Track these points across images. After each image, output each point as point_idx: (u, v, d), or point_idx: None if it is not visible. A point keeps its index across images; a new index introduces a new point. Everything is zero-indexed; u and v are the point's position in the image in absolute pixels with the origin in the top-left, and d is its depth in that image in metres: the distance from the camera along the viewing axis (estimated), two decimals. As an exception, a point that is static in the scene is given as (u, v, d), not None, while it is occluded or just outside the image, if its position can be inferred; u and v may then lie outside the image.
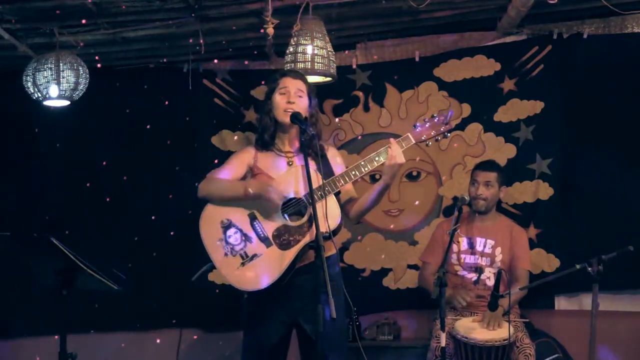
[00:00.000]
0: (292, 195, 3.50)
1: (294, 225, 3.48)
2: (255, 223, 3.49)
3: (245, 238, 3.48)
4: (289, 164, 3.61)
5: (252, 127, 5.30)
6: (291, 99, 3.57)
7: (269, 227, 3.49)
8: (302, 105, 3.59)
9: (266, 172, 3.59)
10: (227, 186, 3.55)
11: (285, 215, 3.49)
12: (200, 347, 5.42)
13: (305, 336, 3.54)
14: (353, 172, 3.49)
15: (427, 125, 3.57)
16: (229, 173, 3.62)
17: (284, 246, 3.46)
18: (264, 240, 3.47)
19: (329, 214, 3.41)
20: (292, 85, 3.60)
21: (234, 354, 5.25)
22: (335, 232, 3.44)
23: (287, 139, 3.65)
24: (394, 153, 3.45)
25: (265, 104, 3.65)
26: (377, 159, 3.49)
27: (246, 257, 3.45)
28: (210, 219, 3.51)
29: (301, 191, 3.49)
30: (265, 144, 3.64)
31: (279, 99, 3.59)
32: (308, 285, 3.38)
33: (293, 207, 3.51)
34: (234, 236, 3.47)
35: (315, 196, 3.31)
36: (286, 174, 3.55)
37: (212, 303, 5.27)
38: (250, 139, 5.21)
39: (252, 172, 3.62)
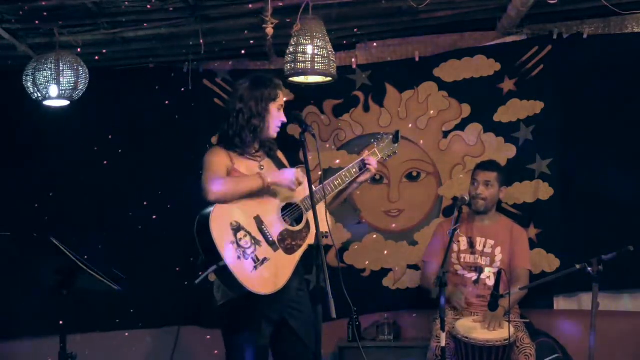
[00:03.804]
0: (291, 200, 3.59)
1: (295, 230, 3.55)
2: (262, 227, 3.51)
3: (255, 241, 3.47)
4: (261, 167, 3.65)
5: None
6: (284, 118, 3.69)
7: (274, 231, 3.53)
8: None
9: (245, 175, 3.60)
10: (242, 181, 3.53)
11: (286, 220, 3.55)
12: (198, 344, 5.41)
13: (289, 331, 3.59)
14: (337, 181, 3.71)
15: (386, 142, 3.93)
16: (222, 176, 3.60)
17: (289, 250, 3.52)
18: (271, 244, 3.50)
19: (319, 223, 3.42)
20: (283, 100, 3.70)
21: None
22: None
23: (257, 143, 3.68)
24: (376, 165, 3.81)
25: (261, 107, 3.61)
26: (353, 170, 3.76)
27: (257, 260, 3.45)
28: (220, 220, 3.45)
29: (297, 196, 3.57)
30: (243, 143, 3.62)
31: (277, 114, 3.66)
32: (293, 283, 3.53)
33: (292, 212, 3.58)
34: (244, 239, 3.45)
35: (309, 204, 3.48)
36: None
37: (212, 302, 5.26)
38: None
39: (229, 175, 3.60)
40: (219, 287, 3.60)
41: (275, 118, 3.64)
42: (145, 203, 5.37)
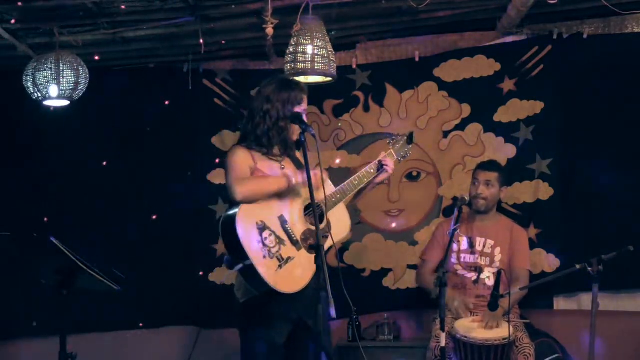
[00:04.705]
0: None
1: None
2: (286, 226, 3.55)
3: (279, 241, 3.51)
4: (282, 167, 3.68)
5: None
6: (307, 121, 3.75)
7: (297, 231, 3.57)
8: None
9: (268, 174, 3.63)
10: (269, 181, 3.58)
11: (308, 219, 3.60)
12: (200, 345, 5.41)
13: (306, 331, 3.60)
14: (355, 181, 3.76)
15: (401, 143, 3.98)
16: (247, 176, 3.64)
17: (311, 250, 3.54)
18: (295, 243, 3.55)
19: (340, 223, 3.61)
20: (306, 105, 3.74)
21: (234, 352, 5.25)
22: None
23: (281, 144, 3.71)
24: (393, 166, 3.86)
25: (287, 110, 3.64)
26: (371, 170, 3.82)
27: (282, 259, 3.49)
28: (246, 220, 3.48)
29: (318, 196, 3.56)
30: (270, 143, 3.66)
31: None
32: (312, 283, 3.52)
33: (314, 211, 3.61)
34: (269, 238, 3.49)
35: (329, 203, 3.60)
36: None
37: (212, 302, 5.28)
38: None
39: (252, 175, 3.63)
40: (240, 286, 3.63)
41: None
42: (145, 203, 5.37)
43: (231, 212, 3.49)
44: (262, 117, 3.64)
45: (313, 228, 3.56)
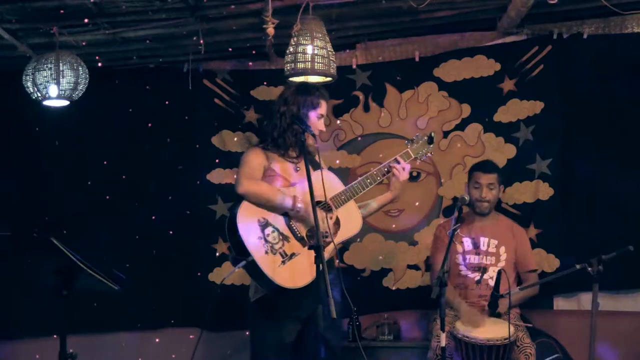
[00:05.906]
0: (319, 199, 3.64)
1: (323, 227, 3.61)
2: (291, 223, 3.61)
3: (283, 237, 3.58)
4: (297, 169, 3.74)
5: (252, 127, 5.32)
6: (323, 127, 3.82)
7: (302, 228, 3.62)
8: None
9: (282, 175, 3.69)
10: (276, 193, 3.62)
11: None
12: (200, 346, 5.40)
13: (315, 330, 3.61)
14: (368, 180, 3.79)
15: (420, 142, 3.98)
16: (258, 174, 3.69)
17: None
18: (300, 240, 3.61)
19: (351, 220, 3.66)
20: (326, 111, 3.82)
21: (235, 353, 5.25)
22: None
23: (298, 146, 3.77)
24: (407, 166, 3.88)
25: (302, 113, 3.72)
26: (385, 169, 3.84)
27: (285, 255, 3.55)
28: (248, 217, 3.56)
29: (326, 195, 3.61)
30: (285, 144, 3.73)
31: (316, 122, 3.76)
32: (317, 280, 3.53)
33: (321, 209, 3.66)
34: (272, 235, 3.56)
35: (339, 201, 3.67)
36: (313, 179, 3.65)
37: (212, 302, 5.26)
38: (251, 139, 5.21)
39: (264, 174, 3.66)
40: (252, 286, 3.69)
41: (314, 125, 3.73)
42: (144, 203, 5.37)
43: (234, 210, 3.57)
44: (278, 119, 3.75)
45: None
